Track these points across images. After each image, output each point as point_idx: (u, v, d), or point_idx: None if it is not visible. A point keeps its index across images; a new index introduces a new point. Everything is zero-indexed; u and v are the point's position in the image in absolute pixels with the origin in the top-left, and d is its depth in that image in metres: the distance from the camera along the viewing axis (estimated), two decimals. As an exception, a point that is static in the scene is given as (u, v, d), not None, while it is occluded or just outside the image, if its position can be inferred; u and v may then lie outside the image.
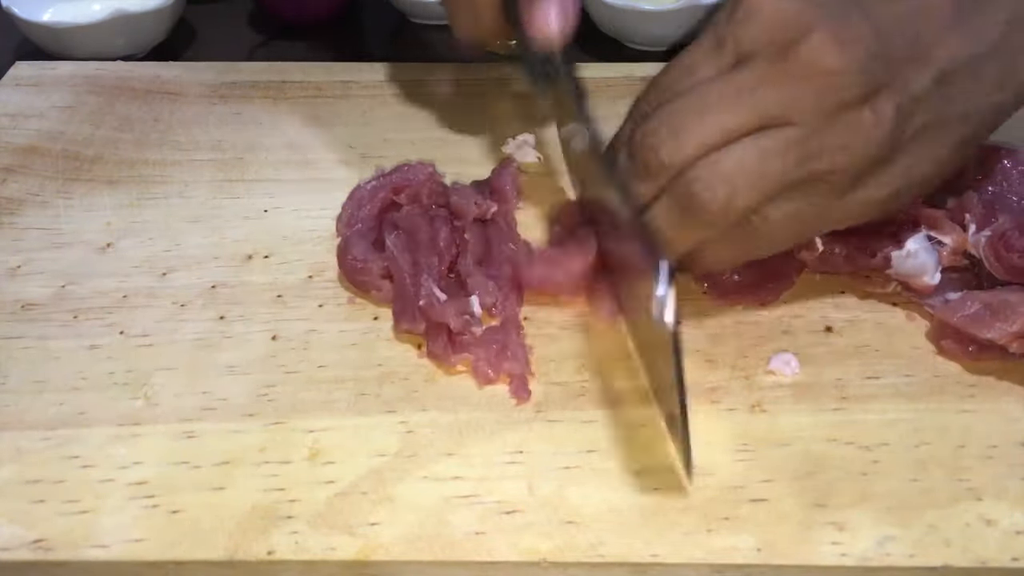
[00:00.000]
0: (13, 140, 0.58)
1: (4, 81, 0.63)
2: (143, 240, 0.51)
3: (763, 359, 0.43)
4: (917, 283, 0.45)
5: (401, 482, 0.38)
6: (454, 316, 0.42)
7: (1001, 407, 0.41)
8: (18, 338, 0.45)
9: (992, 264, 0.44)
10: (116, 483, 0.38)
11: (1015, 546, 0.36)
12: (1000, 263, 0.43)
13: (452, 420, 0.41)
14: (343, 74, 0.64)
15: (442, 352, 0.43)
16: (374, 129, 0.59)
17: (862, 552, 0.36)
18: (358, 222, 0.48)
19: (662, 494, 0.38)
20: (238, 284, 0.48)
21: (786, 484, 0.38)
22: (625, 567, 0.36)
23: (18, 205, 0.53)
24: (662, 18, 0.69)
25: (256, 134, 0.59)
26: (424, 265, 0.45)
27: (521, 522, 0.37)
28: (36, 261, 0.49)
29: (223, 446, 0.40)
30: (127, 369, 0.43)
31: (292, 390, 0.42)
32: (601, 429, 0.40)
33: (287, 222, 0.52)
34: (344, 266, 0.47)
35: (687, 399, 0.34)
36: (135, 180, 0.55)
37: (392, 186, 0.50)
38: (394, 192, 0.50)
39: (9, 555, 0.36)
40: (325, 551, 0.36)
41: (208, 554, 0.36)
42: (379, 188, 0.50)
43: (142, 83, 0.63)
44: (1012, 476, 0.38)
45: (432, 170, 0.50)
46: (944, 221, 0.45)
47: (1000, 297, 0.42)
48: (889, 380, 0.42)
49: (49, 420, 0.41)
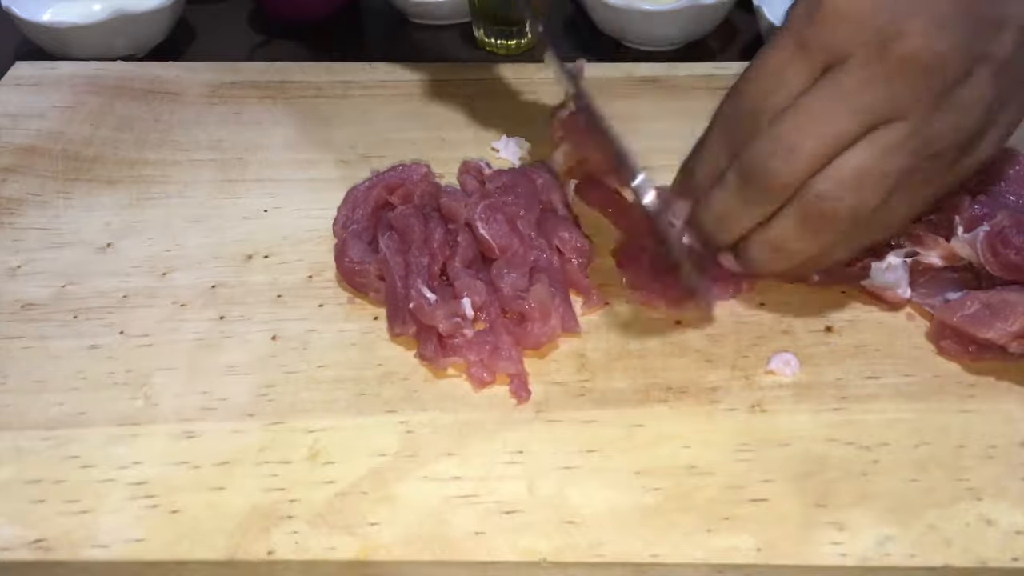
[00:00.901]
0: (13, 140, 0.58)
1: (4, 81, 0.63)
2: (143, 240, 0.51)
3: (763, 359, 0.43)
4: (890, 296, 0.45)
5: (401, 482, 0.38)
6: (443, 319, 0.42)
7: (1001, 407, 0.41)
8: (18, 338, 0.45)
9: (988, 260, 0.43)
10: (116, 483, 0.38)
11: (1015, 546, 0.36)
12: (996, 259, 0.43)
13: (452, 420, 0.41)
14: (343, 74, 0.64)
15: (432, 355, 0.42)
16: (374, 129, 0.59)
17: (862, 552, 0.36)
18: (353, 223, 0.48)
19: (662, 494, 0.38)
20: (238, 284, 0.48)
21: (786, 484, 0.38)
22: (625, 567, 0.36)
23: (18, 205, 0.53)
24: (662, 18, 0.69)
25: (256, 134, 0.59)
26: (415, 266, 0.45)
27: (521, 522, 0.37)
28: (36, 261, 0.49)
29: (223, 446, 0.40)
30: (127, 369, 0.43)
31: (292, 390, 0.42)
32: (601, 429, 0.40)
33: (287, 222, 0.52)
34: (341, 268, 0.47)
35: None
36: (135, 180, 0.55)
37: (385, 185, 0.50)
38: (388, 192, 0.49)
39: (9, 555, 0.36)
40: (325, 551, 0.36)
41: (208, 554, 0.36)
42: (373, 187, 0.50)
43: (142, 83, 0.63)
44: (1012, 476, 0.38)
45: (427, 170, 0.50)
46: (926, 236, 0.45)
47: (1000, 297, 0.42)
48: (889, 380, 0.42)
49: (49, 420, 0.41)
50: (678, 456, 0.39)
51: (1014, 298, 0.42)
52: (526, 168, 0.51)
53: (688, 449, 0.39)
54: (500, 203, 0.47)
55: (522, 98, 0.62)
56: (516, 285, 0.44)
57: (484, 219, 0.46)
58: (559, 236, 0.47)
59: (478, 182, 0.50)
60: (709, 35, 0.73)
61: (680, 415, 0.41)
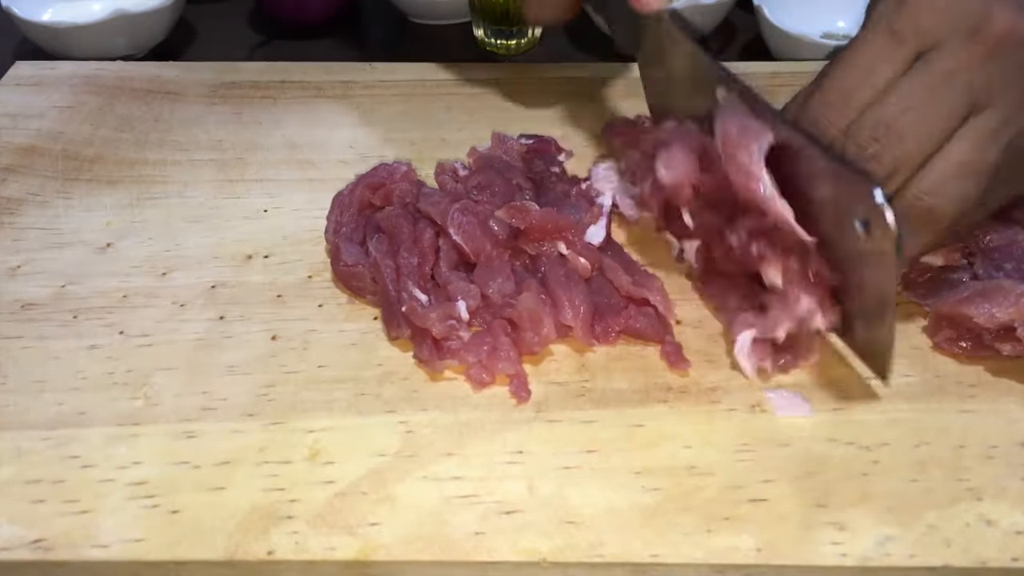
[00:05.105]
0: (13, 140, 0.58)
1: (4, 81, 0.63)
2: (143, 240, 0.51)
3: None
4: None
5: (401, 482, 0.38)
6: (437, 322, 0.42)
7: (1001, 407, 0.41)
8: (18, 338, 0.45)
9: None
10: (116, 483, 0.38)
11: (1015, 546, 0.36)
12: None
13: (452, 420, 0.41)
14: (343, 74, 0.64)
15: (428, 358, 0.42)
16: (374, 129, 0.59)
17: (862, 552, 0.36)
18: (343, 226, 0.48)
19: (662, 494, 0.38)
20: (238, 284, 0.48)
21: (786, 484, 0.38)
22: (625, 567, 0.36)
23: (18, 205, 0.53)
24: (662, 18, 0.69)
25: (256, 134, 0.59)
26: (406, 268, 0.45)
27: (521, 522, 0.37)
28: (36, 261, 0.49)
29: (223, 446, 0.40)
30: (127, 369, 0.43)
31: (292, 390, 0.42)
32: (601, 429, 0.40)
33: (287, 222, 0.52)
34: (338, 272, 0.47)
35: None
36: (135, 180, 0.55)
37: (368, 185, 0.49)
38: (371, 191, 0.49)
39: (9, 555, 0.36)
40: (325, 551, 0.36)
41: (208, 554, 0.36)
42: (355, 188, 0.49)
43: (142, 83, 0.63)
44: (1012, 476, 0.38)
45: (407, 169, 0.50)
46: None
47: (995, 283, 0.43)
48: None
49: (49, 420, 0.41)
50: (678, 456, 0.39)
51: (1008, 284, 0.42)
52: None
53: (688, 449, 0.39)
54: (471, 205, 0.46)
55: (522, 98, 0.62)
56: (503, 290, 0.44)
57: (456, 224, 0.45)
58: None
59: (454, 182, 0.50)
60: (709, 35, 0.73)
61: (680, 415, 0.41)
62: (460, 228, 0.45)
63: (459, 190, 0.49)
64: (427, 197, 0.47)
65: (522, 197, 0.48)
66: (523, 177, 0.50)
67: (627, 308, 0.44)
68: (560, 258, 0.46)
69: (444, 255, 0.46)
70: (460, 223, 0.45)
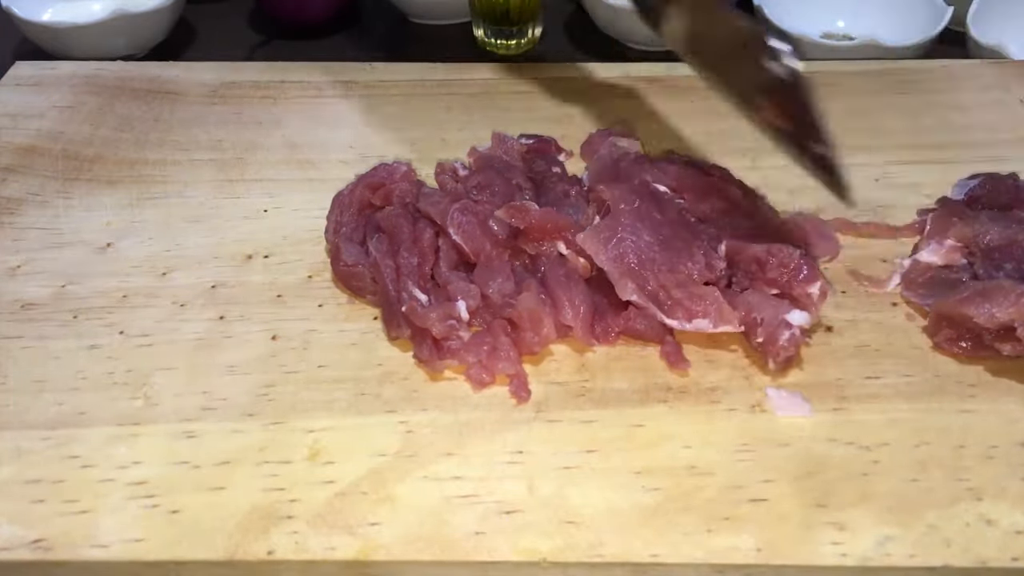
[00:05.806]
0: (13, 140, 0.58)
1: (4, 81, 0.63)
2: (143, 240, 0.51)
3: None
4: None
5: (401, 482, 0.38)
6: (437, 322, 0.42)
7: (1001, 407, 0.41)
8: (18, 338, 0.45)
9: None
10: (116, 483, 0.38)
11: (1015, 546, 0.36)
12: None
13: (452, 420, 0.41)
14: (343, 74, 0.64)
15: (428, 358, 0.42)
16: (374, 129, 0.59)
17: (862, 552, 0.36)
18: (343, 226, 0.48)
19: (662, 494, 0.38)
20: (238, 284, 0.48)
21: (786, 484, 0.38)
22: (625, 567, 0.36)
23: (18, 205, 0.53)
24: (662, 18, 0.69)
25: (256, 134, 0.59)
26: (406, 268, 0.45)
27: (521, 522, 0.37)
28: (36, 261, 0.49)
29: (223, 446, 0.40)
30: (127, 369, 0.43)
31: (292, 390, 0.42)
32: (601, 429, 0.40)
33: (287, 222, 0.52)
34: (338, 272, 0.47)
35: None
36: (135, 180, 0.55)
37: (367, 185, 0.49)
38: (371, 191, 0.49)
39: (9, 555, 0.36)
40: (325, 551, 0.36)
41: (208, 554, 0.36)
42: (355, 188, 0.49)
43: (142, 83, 0.63)
44: (1012, 476, 0.38)
45: (407, 168, 0.50)
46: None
47: (995, 283, 0.43)
48: (889, 380, 0.42)
49: (49, 420, 0.41)
50: (678, 456, 0.39)
51: (1008, 284, 0.42)
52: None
53: (688, 449, 0.39)
54: (471, 205, 0.46)
55: (522, 98, 0.62)
56: (503, 290, 0.44)
57: (456, 223, 0.45)
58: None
59: (454, 182, 0.50)
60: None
61: (680, 415, 0.41)
62: (460, 228, 0.45)
63: (459, 190, 0.49)
64: (427, 197, 0.47)
65: (522, 197, 0.48)
66: (523, 177, 0.50)
67: (627, 308, 0.44)
68: (560, 258, 0.46)
69: (444, 255, 0.46)
70: (460, 223, 0.45)
